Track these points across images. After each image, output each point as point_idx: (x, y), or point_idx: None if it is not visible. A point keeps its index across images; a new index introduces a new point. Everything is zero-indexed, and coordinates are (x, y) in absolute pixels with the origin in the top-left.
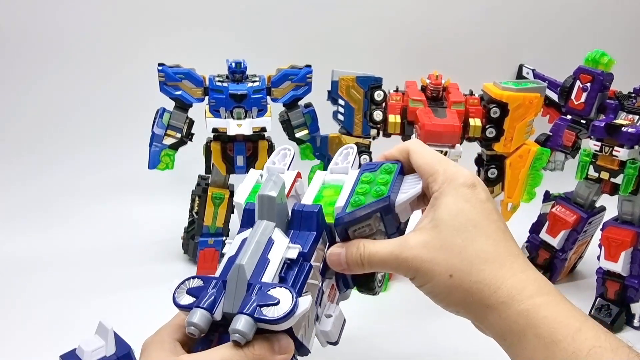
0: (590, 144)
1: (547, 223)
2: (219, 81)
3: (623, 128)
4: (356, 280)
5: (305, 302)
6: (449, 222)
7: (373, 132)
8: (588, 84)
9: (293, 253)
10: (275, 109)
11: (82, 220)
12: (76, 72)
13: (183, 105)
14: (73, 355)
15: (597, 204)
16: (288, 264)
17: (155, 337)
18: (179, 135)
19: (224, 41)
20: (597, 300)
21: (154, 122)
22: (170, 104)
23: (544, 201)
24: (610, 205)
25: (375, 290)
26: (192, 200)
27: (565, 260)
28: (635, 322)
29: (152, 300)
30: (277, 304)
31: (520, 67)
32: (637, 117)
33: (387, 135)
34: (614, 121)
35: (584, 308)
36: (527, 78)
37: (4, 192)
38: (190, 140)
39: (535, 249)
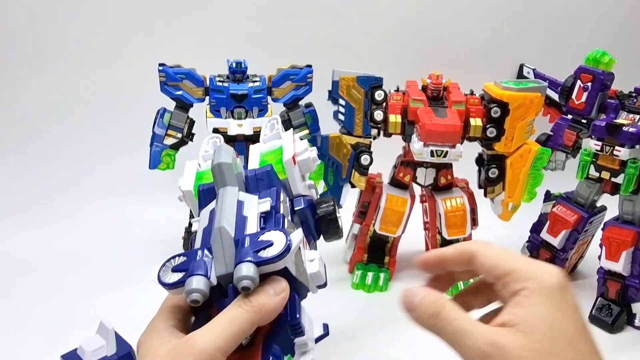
0: (591, 144)
1: (547, 223)
2: (219, 81)
3: (624, 127)
4: (320, 229)
5: (297, 235)
6: (545, 330)
7: (374, 131)
8: (589, 84)
9: (266, 206)
10: (276, 109)
11: (83, 219)
12: (77, 72)
13: (184, 105)
14: (74, 355)
15: (598, 204)
16: (263, 218)
17: (150, 330)
18: (179, 135)
19: (225, 41)
20: (598, 300)
21: (154, 122)
22: (171, 104)
23: (544, 201)
24: (611, 205)
25: (340, 232)
26: None
27: (566, 260)
28: (636, 322)
29: (153, 300)
30: (272, 245)
31: (521, 66)
32: (638, 116)
33: (387, 135)
34: (615, 121)
35: (585, 308)
36: (527, 78)
37: (4, 192)
38: (191, 140)
39: (536, 249)
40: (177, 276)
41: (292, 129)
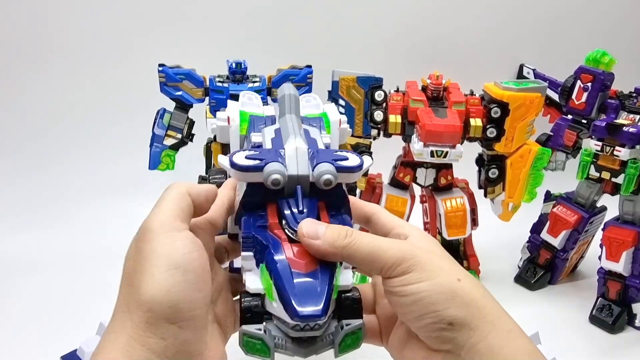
0: (591, 144)
1: (548, 223)
2: (219, 82)
3: (624, 128)
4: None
5: (368, 159)
6: (425, 241)
7: (374, 132)
8: (589, 84)
9: (327, 139)
10: (276, 109)
11: (83, 220)
12: (77, 73)
13: (183, 105)
14: (74, 355)
15: (598, 204)
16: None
17: (163, 221)
18: (179, 135)
19: (225, 41)
20: (599, 300)
21: (154, 122)
22: (170, 105)
23: (545, 201)
24: (611, 205)
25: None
26: None
27: (567, 260)
28: (637, 322)
29: None
30: (347, 159)
31: (521, 66)
32: (638, 116)
33: (387, 135)
34: (615, 121)
35: (585, 308)
36: (527, 78)
37: (5, 192)
38: (191, 140)
39: (537, 249)
40: (252, 162)
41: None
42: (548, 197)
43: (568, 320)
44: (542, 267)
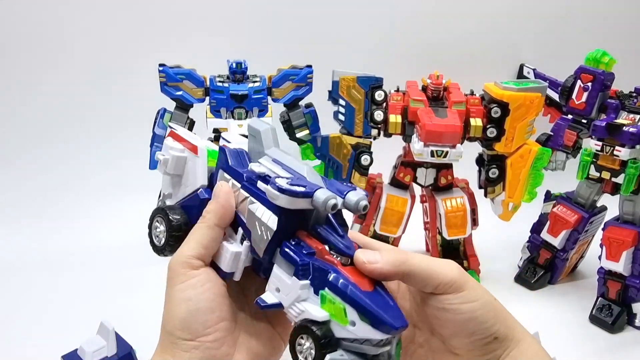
0: (591, 144)
1: (548, 223)
2: (219, 81)
3: (624, 128)
4: None
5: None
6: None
7: (374, 132)
8: (589, 84)
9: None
10: (276, 109)
11: (83, 220)
12: (78, 73)
13: (184, 105)
14: (75, 355)
15: (598, 204)
16: None
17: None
18: None
19: (225, 41)
20: (599, 300)
21: (155, 122)
22: (171, 105)
23: (545, 201)
24: (611, 205)
25: None
26: None
27: (567, 260)
28: (637, 322)
29: (153, 300)
30: (355, 188)
31: (521, 66)
32: (638, 116)
33: (387, 135)
34: (615, 121)
35: (585, 308)
36: (527, 78)
37: (6, 192)
38: None
39: (537, 249)
40: (300, 188)
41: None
42: (548, 197)
43: (568, 320)
44: (542, 267)
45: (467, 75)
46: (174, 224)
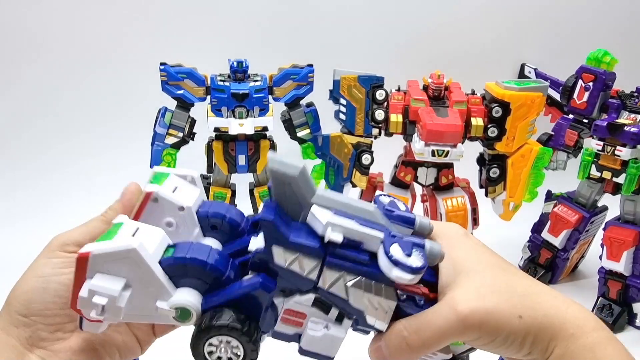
0: (592, 144)
1: (549, 222)
2: (220, 80)
3: (625, 127)
4: None
5: None
6: (479, 268)
7: (375, 131)
8: (590, 83)
9: None
10: (277, 108)
11: (82, 220)
12: (78, 72)
13: (185, 104)
14: None
15: (599, 204)
16: None
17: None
18: (180, 134)
19: (226, 40)
20: (599, 299)
21: (156, 121)
22: (172, 103)
23: (546, 201)
24: (612, 205)
25: None
26: None
27: (567, 260)
28: (637, 322)
29: None
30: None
31: (522, 66)
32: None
33: (388, 134)
34: (617, 120)
35: (585, 307)
36: (529, 77)
37: (6, 193)
38: (192, 139)
39: (537, 249)
40: (418, 259)
41: None
42: (549, 196)
43: None
44: (542, 267)
45: (468, 75)
46: (230, 324)
